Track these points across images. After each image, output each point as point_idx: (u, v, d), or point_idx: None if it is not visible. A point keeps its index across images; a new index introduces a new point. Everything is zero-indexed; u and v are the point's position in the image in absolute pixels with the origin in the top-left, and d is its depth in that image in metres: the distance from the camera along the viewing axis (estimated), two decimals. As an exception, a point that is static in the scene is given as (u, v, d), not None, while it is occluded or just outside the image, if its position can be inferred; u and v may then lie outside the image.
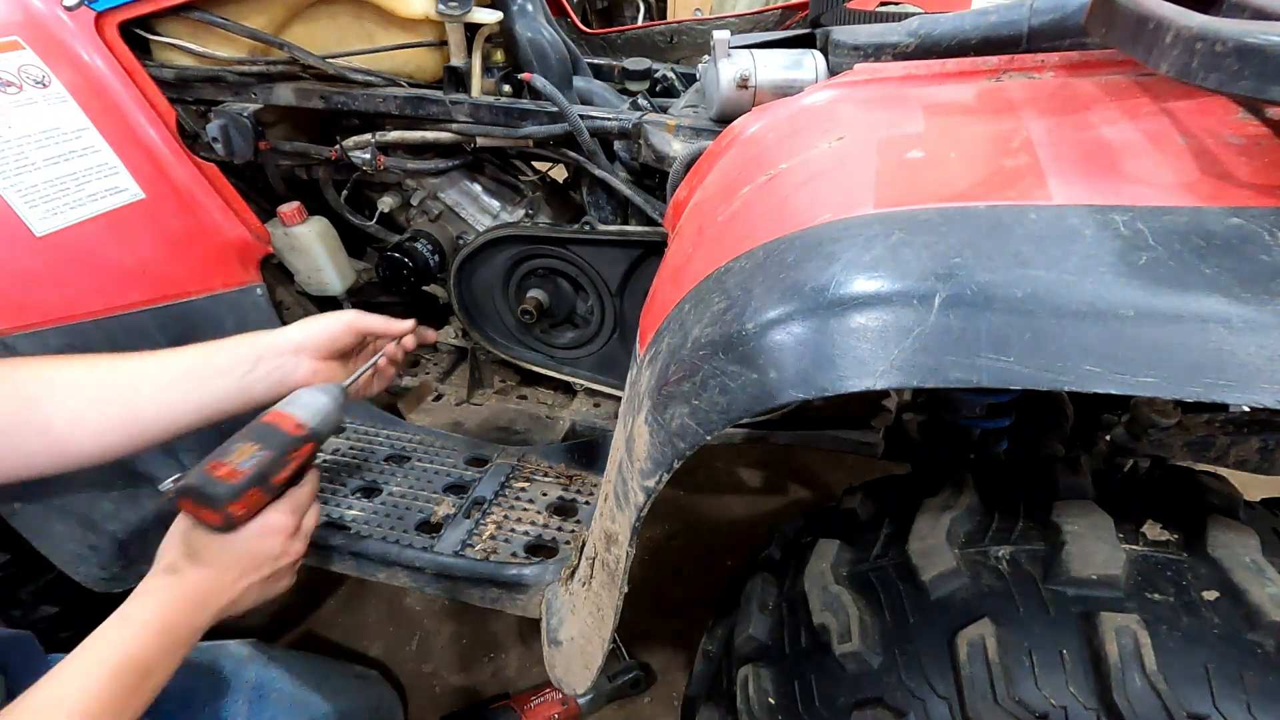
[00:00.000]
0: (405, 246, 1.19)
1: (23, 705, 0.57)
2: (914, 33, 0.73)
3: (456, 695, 1.44)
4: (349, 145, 1.11)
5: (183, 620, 0.66)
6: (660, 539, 1.76)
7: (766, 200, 0.61)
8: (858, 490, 0.86)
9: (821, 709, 0.63)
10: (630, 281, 1.15)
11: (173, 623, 0.66)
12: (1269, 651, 0.51)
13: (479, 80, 1.03)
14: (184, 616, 0.66)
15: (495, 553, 1.00)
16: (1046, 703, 0.53)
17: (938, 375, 0.44)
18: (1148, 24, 0.47)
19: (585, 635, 0.77)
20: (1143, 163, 0.50)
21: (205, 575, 0.69)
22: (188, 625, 0.67)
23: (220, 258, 1.12)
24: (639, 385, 0.62)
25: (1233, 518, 0.62)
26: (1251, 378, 0.40)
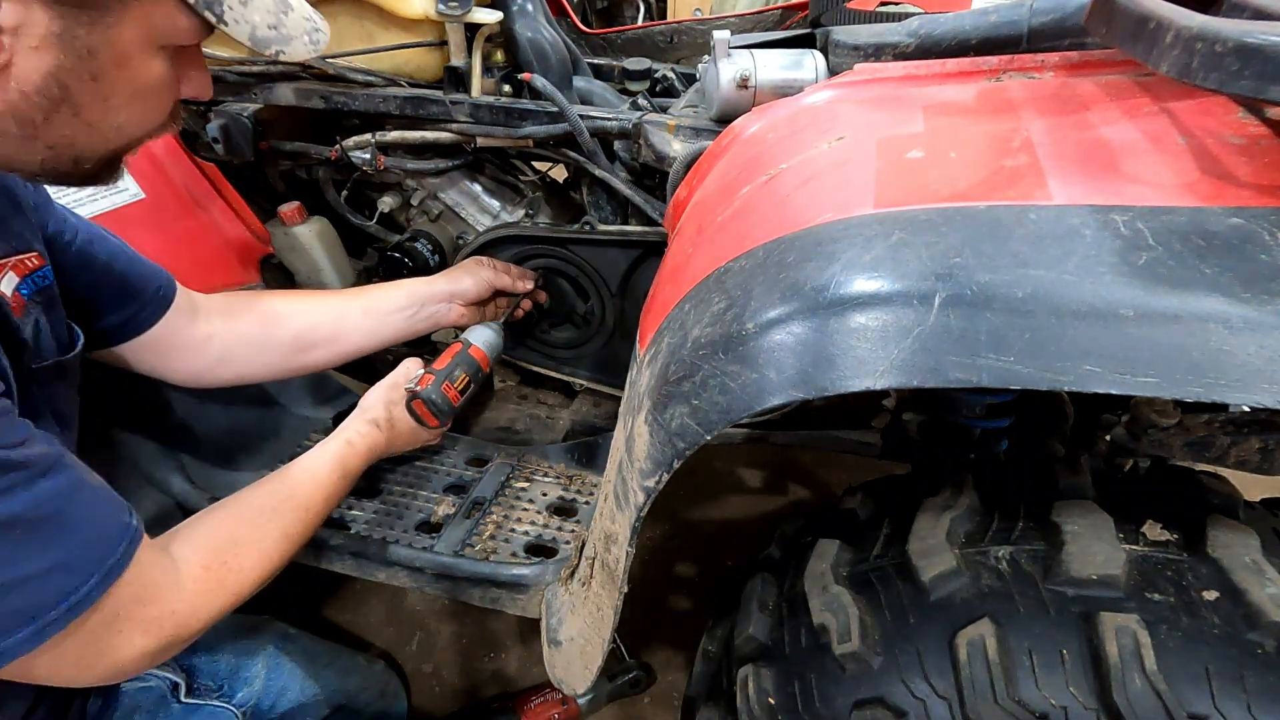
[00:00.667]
0: (405, 246, 1.19)
1: (280, 474, 0.84)
2: (914, 33, 0.73)
3: (456, 695, 1.44)
4: (349, 145, 1.11)
5: (370, 458, 0.96)
6: (660, 539, 1.76)
7: (766, 200, 0.61)
8: (858, 490, 0.86)
9: (821, 709, 0.63)
10: (630, 281, 1.15)
11: (366, 455, 0.94)
12: (1269, 651, 0.51)
13: (479, 80, 1.03)
14: (369, 455, 0.95)
15: (495, 553, 1.00)
16: (1046, 703, 0.53)
17: (938, 375, 0.44)
18: (1148, 24, 0.47)
19: (585, 635, 0.77)
20: (1143, 163, 0.50)
21: (392, 437, 1.00)
22: (370, 461, 0.96)
23: (220, 257, 1.12)
24: (639, 385, 0.62)
25: (1233, 518, 0.62)
26: (1251, 378, 0.40)
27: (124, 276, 0.83)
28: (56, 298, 0.75)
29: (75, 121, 0.55)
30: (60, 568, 0.56)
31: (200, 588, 0.67)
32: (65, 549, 0.57)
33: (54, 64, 0.51)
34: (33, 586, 0.55)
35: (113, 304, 0.83)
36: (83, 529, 0.59)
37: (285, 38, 0.61)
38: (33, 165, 0.57)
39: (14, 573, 0.54)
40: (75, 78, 0.52)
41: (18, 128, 0.53)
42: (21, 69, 0.50)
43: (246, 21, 0.58)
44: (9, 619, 0.54)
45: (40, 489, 0.56)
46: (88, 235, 0.81)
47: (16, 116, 0.52)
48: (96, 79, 0.53)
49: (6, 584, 0.54)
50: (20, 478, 0.54)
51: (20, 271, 0.70)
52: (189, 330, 0.91)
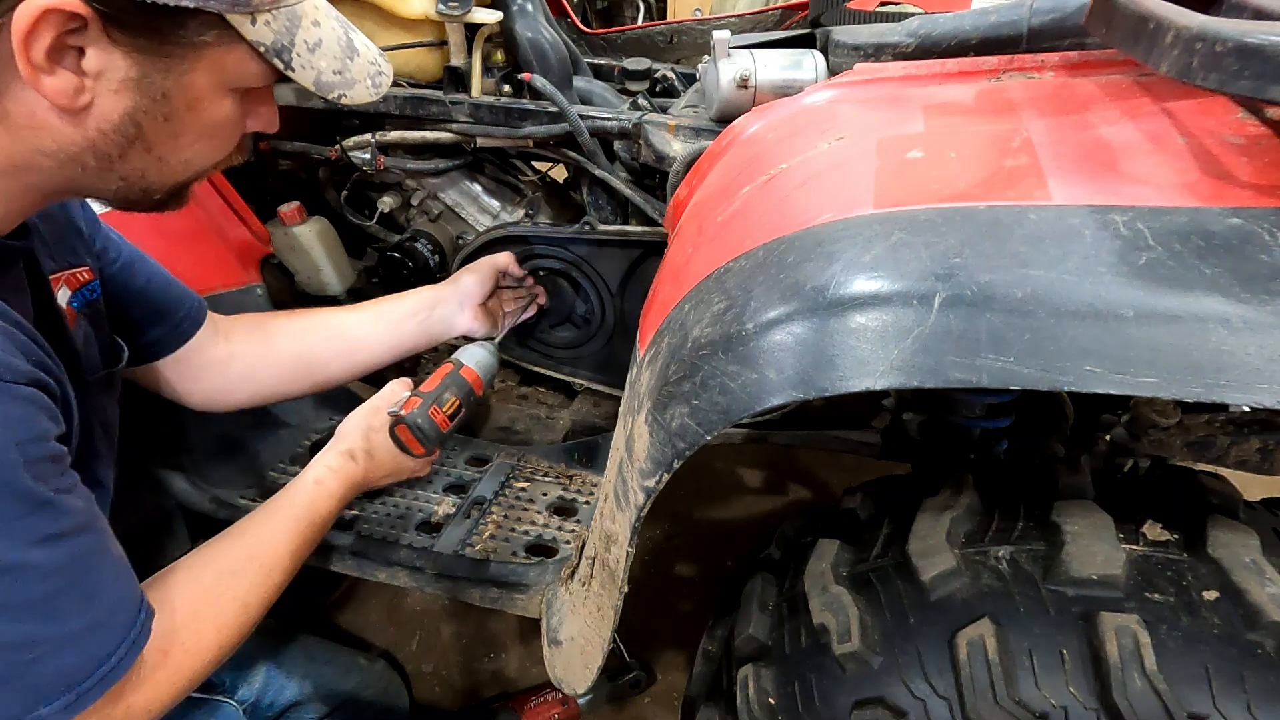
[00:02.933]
0: (405, 246, 1.19)
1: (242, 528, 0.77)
2: (914, 33, 0.73)
3: (456, 695, 1.44)
4: (349, 145, 1.11)
5: (346, 495, 0.88)
6: (660, 539, 1.76)
7: (766, 200, 0.61)
8: (858, 490, 0.86)
9: (821, 709, 0.63)
10: (630, 281, 1.15)
11: (344, 494, 0.88)
12: (1269, 651, 0.51)
13: (479, 80, 1.03)
14: (348, 492, 0.88)
15: (495, 553, 1.00)
16: (1046, 703, 0.53)
17: (938, 375, 0.44)
18: (1148, 24, 0.47)
19: (585, 635, 0.77)
20: (1143, 163, 0.50)
21: (370, 468, 0.92)
22: (346, 499, 0.88)
23: (220, 258, 1.12)
24: (639, 385, 0.62)
25: (1233, 518, 0.62)
26: (1251, 378, 0.40)
27: (159, 297, 0.86)
28: (102, 312, 0.78)
29: (147, 157, 0.58)
30: (99, 628, 0.54)
31: (157, 677, 0.62)
32: (103, 609, 0.55)
33: (130, 105, 0.54)
34: (73, 648, 0.52)
35: (147, 322, 0.86)
36: (115, 588, 0.57)
37: (349, 82, 0.64)
38: (107, 194, 0.61)
39: (57, 629, 0.52)
40: (149, 118, 0.55)
41: (95, 161, 0.56)
42: (101, 109, 0.53)
43: (313, 68, 0.60)
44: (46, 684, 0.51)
45: (80, 543, 0.55)
46: (130, 255, 0.84)
47: (95, 152, 0.55)
48: (169, 119, 0.56)
49: (50, 641, 0.51)
50: (67, 525, 0.53)
51: (72, 285, 0.73)
52: (212, 350, 0.92)
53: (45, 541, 0.51)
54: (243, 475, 1.14)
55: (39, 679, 0.51)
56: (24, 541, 0.50)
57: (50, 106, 0.52)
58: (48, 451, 0.53)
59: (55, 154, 0.55)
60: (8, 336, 0.53)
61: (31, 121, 0.52)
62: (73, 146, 0.54)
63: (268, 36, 0.57)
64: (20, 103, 0.52)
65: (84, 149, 0.55)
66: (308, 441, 1.22)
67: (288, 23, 0.58)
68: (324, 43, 0.61)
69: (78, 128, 0.53)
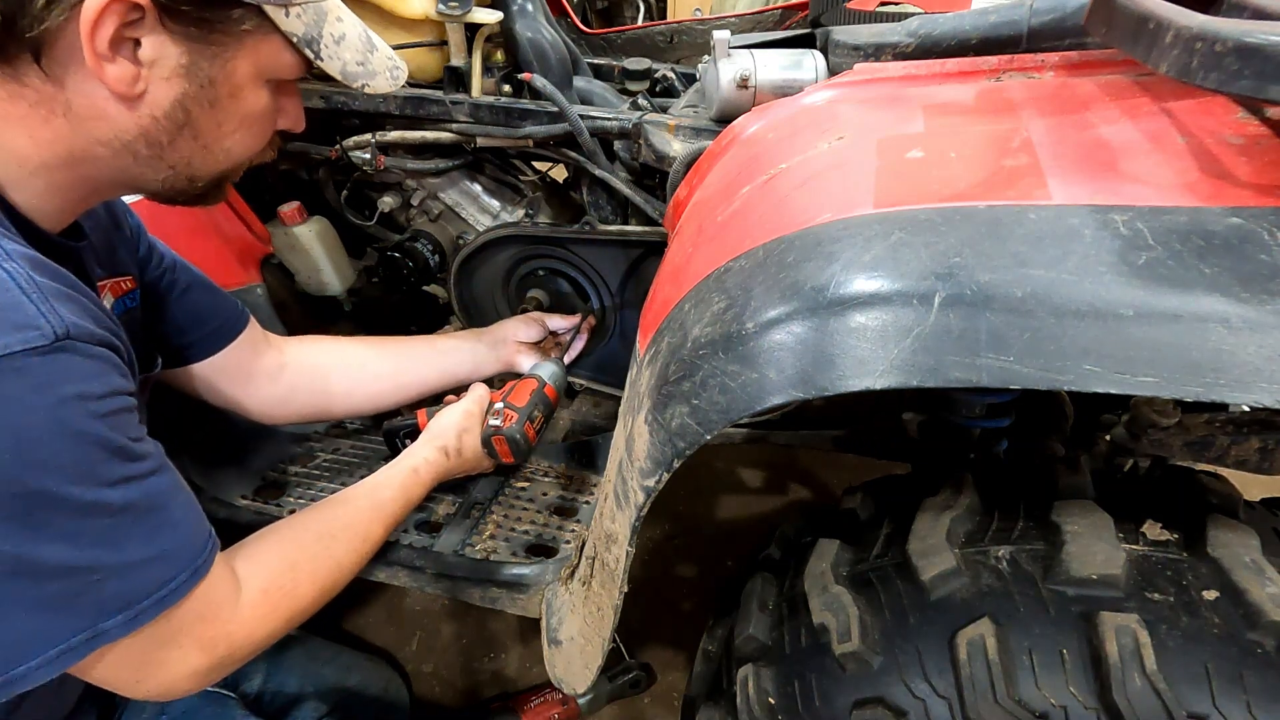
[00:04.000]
0: (405, 246, 1.19)
1: (344, 498, 0.83)
2: (914, 33, 0.73)
3: (456, 695, 1.44)
4: (349, 145, 1.11)
5: (431, 485, 0.93)
6: (660, 539, 1.76)
7: (766, 200, 0.61)
8: (858, 490, 0.86)
9: (821, 709, 0.63)
10: (630, 281, 1.15)
11: (430, 483, 0.93)
12: (1269, 651, 0.51)
13: (479, 80, 1.03)
14: (433, 482, 0.94)
15: (495, 553, 1.00)
16: (1046, 702, 0.53)
17: (938, 375, 0.44)
18: (1148, 24, 0.47)
19: (585, 635, 0.77)
20: (1143, 163, 0.50)
21: (457, 465, 0.97)
22: (430, 487, 0.93)
23: (220, 258, 1.12)
24: (639, 385, 0.62)
25: (1233, 518, 0.62)
26: (1251, 378, 0.40)
27: (199, 302, 0.89)
28: (139, 320, 0.81)
29: (194, 144, 0.62)
30: (160, 559, 0.59)
31: (257, 612, 0.67)
32: (166, 542, 0.59)
33: (180, 92, 0.59)
34: (134, 574, 0.57)
35: (185, 326, 0.89)
36: (181, 527, 0.61)
37: (371, 73, 0.70)
38: (155, 184, 0.65)
39: (121, 557, 0.56)
40: (197, 104, 0.60)
41: (147, 149, 0.60)
42: (154, 97, 0.58)
43: (339, 59, 0.67)
44: (108, 603, 0.56)
45: (153, 483, 0.59)
46: (173, 261, 0.88)
47: (147, 139, 0.60)
48: (214, 106, 0.61)
49: (113, 567, 0.56)
50: (140, 469, 0.58)
51: (116, 293, 0.77)
52: (261, 359, 0.96)
53: (118, 483, 0.56)
54: (242, 476, 1.14)
55: (104, 597, 0.55)
56: (98, 483, 0.54)
57: (109, 95, 0.56)
58: (122, 404, 0.57)
59: (111, 142, 0.59)
60: (81, 306, 0.56)
61: (92, 112, 0.56)
62: (127, 134, 0.59)
63: (299, 28, 0.62)
64: (82, 94, 0.56)
65: (137, 136, 0.59)
66: (308, 442, 1.22)
67: (315, 16, 0.64)
68: (347, 36, 0.67)
69: (133, 115, 0.58)
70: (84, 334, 0.54)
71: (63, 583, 0.54)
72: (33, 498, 0.51)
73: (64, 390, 0.52)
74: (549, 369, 1.05)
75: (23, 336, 0.50)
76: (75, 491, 0.53)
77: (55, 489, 0.52)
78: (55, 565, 0.53)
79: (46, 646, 0.54)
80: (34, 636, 0.54)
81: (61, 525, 0.53)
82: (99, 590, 0.55)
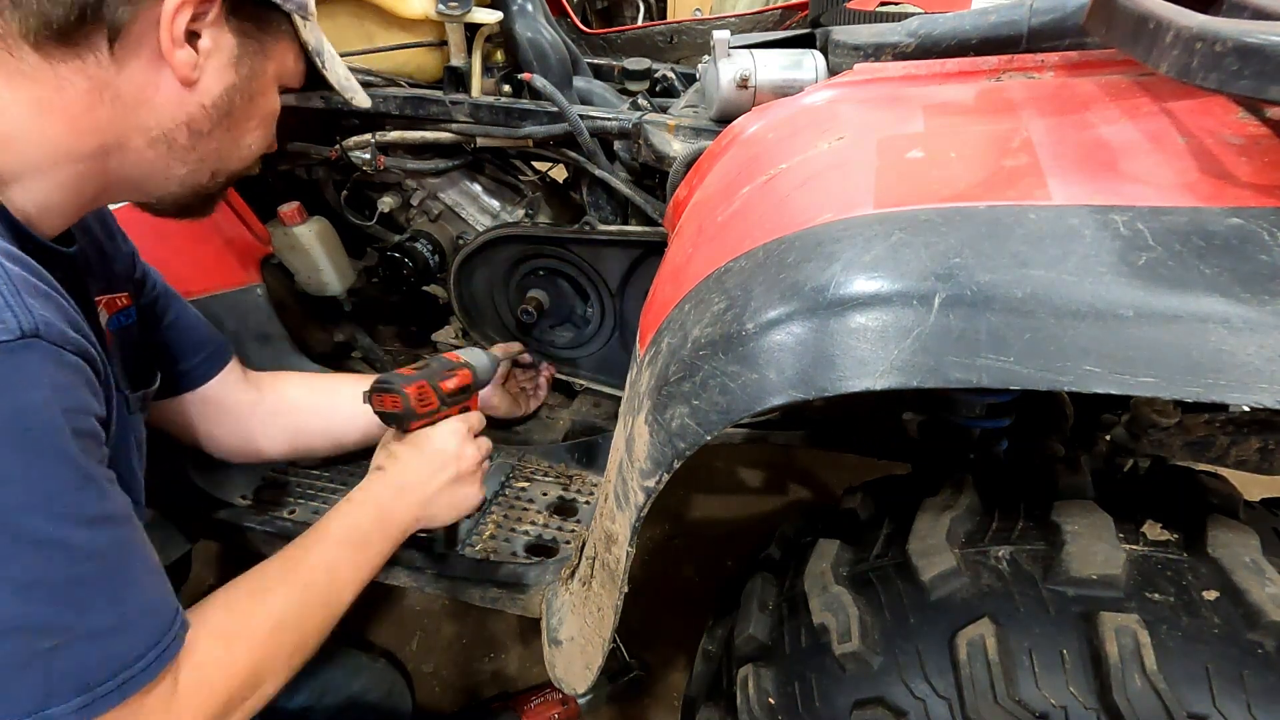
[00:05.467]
0: (405, 246, 1.19)
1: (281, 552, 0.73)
2: (914, 33, 0.73)
3: (456, 695, 1.44)
4: (349, 145, 1.11)
5: (389, 503, 0.81)
6: (660, 539, 1.76)
7: (766, 200, 0.61)
8: (858, 490, 0.85)
9: (821, 709, 0.63)
10: (630, 281, 1.15)
11: (381, 504, 0.81)
12: (1269, 651, 0.51)
13: (479, 80, 1.03)
14: (390, 500, 0.82)
15: (495, 553, 1.00)
16: (1046, 703, 0.53)
17: (938, 375, 0.44)
18: (1148, 24, 0.47)
19: (585, 635, 0.77)
20: (1143, 163, 0.50)
21: (401, 468, 0.84)
22: (393, 508, 0.82)
23: (220, 258, 1.12)
24: (639, 385, 0.62)
25: (1233, 518, 0.62)
26: (1251, 378, 0.40)
27: (187, 331, 0.88)
28: (136, 338, 0.80)
29: (227, 136, 0.65)
30: (121, 630, 0.50)
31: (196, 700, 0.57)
32: (132, 609, 0.51)
33: (230, 82, 0.63)
34: (95, 645, 0.49)
35: (175, 355, 0.88)
36: (149, 593, 0.54)
37: (354, 89, 0.78)
38: (173, 181, 0.65)
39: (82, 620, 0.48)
40: (240, 95, 0.64)
41: (187, 138, 0.62)
42: (206, 84, 0.61)
43: (335, 72, 0.74)
44: (60, 680, 0.47)
45: (119, 534, 0.52)
46: (164, 289, 0.87)
47: (191, 125, 0.62)
48: (249, 101, 0.65)
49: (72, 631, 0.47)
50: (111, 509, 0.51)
51: (111, 309, 0.76)
52: (238, 394, 0.93)
53: (86, 522, 0.49)
54: (243, 476, 1.14)
55: (55, 672, 0.47)
56: (65, 517, 0.47)
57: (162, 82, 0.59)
58: (90, 427, 0.51)
59: (150, 130, 0.60)
60: (58, 307, 0.51)
61: (139, 99, 0.58)
62: (171, 121, 0.61)
63: (311, 40, 0.68)
64: (133, 82, 0.58)
65: (181, 124, 0.61)
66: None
67: (317, 33, 0.70)
68: (334, 55, 0.74)
69: (182, 102, 0.60)
70: (56, 335, 0.48)
71: (9, 645, 0.45)
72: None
73: (29, 395, 0.45)
74: (477, 354, 0.98)
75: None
76: (33, 522, 0.45)
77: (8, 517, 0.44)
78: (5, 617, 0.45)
79: None
80: None
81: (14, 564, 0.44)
82: (49, 661, 0.46)
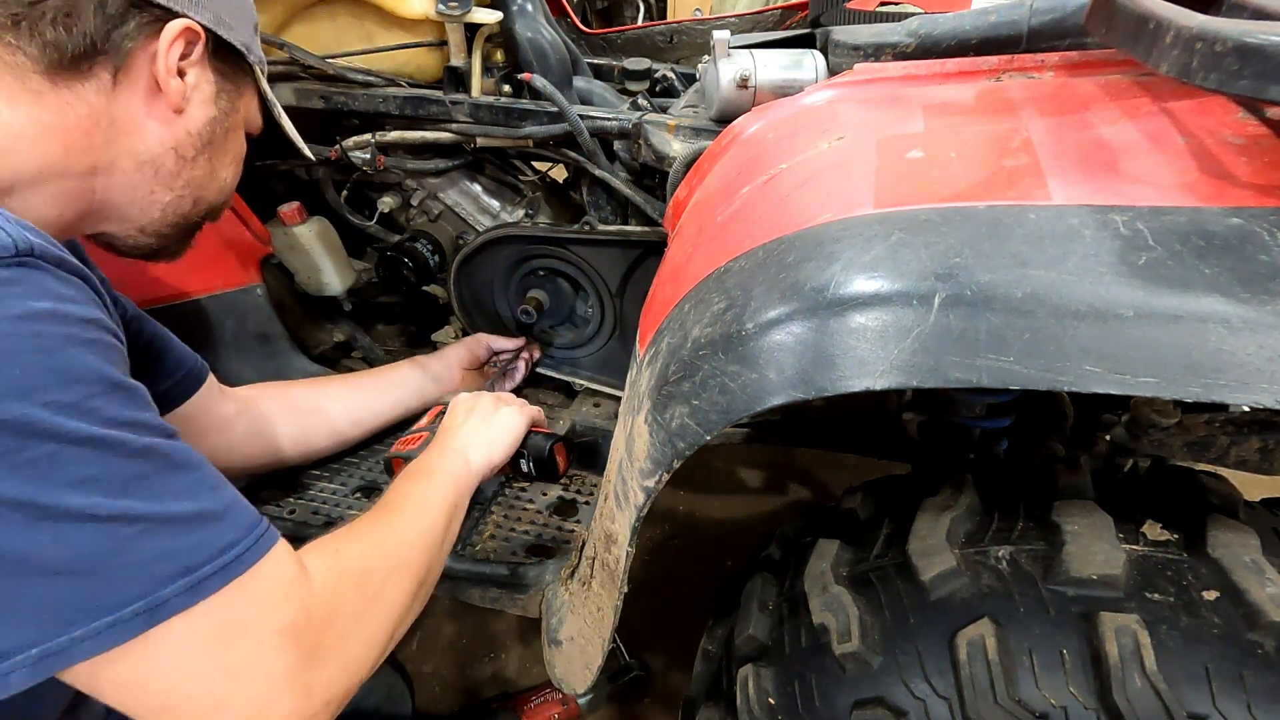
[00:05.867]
0: (405, 246, 1.19)
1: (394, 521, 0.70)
2: (914, 33, 0.73)
3: (456, 695, 1.44)
4: (349, 145, 1.11)
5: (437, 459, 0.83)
6: (660, 539, 1.76)
7: (766, 200, 0.61)
8: (858, 490, 0.85)
9: (821, 709, 0.63)
10: (630, 281, 1.15)
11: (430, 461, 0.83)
12: (1269, 651, 0.51)
13: (479, 80, 1.03)
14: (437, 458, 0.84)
15: (495, 553, 1.00)
16: (1046, 703, 0.53)
17: (937, 375, 0.44)
18: (1148, 24, 0.47)
19: (585, 635, 0.77)
20: (1142, 163, 0.50)
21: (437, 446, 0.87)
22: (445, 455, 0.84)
23: (220, 258, 1.12)
24: (639, 385, 0.62)
25: (1233, 518, 0.62)
26: (1251, 378, 0.40)
27: (163, 353, 0.88)
28: None
29: (208, 166, 0.71)
30: (209, 518, 0.49)
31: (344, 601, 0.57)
32: (211, 502, 0.50)
33: (212, 114, 0.69)
34: (180, 531, 0.47)
35: (154, 376, 0.87)
36: (223, 492, 0.52)
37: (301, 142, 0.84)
38: (156, 207, 0.69)
39: (159, 507, 0.47)
40: (220, 127, 0.70)
41: (174, 163, 0.67)
42: (191, 114, 0.67)
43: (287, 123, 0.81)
44: (157, 564, 0.46)
45: (178, 445, 0.51)
46: (136, 312, 0.86)
47: (178, 151, 0.67)
48: (226, 135, 0.72)
49: (152, 517, 0.46)
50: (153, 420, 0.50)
51: None
52: (217, 410, 0.94)
53: (128, 426, 0.47)
54: (242, 476, 1.14)
55: (150, 554, 0.46)
56: (100, 420, 0.46)
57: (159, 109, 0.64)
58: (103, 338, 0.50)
59: (140, 155, 0.64)
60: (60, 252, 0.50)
61: (133, 125, 0.63)
62: (159, 147, 0.65)
63: (268, 91, 0.76)
64: (128, 111, 0.63)
65: (170, 148, 0.66)
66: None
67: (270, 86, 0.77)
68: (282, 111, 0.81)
69: (172, 128, 0.66)
70: (53, 258, 0.48)
71: (92, 535, 0.44)
72: (16, 428, 0.42)
73: (33, 304, 0.45)
74: None
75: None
76: (70, 424, 0.44)
77: (41, 418, 0.43)
78: (78, 510, 0.43)
79: (90, 616, 0.43)
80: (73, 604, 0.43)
81: (67, 463, 0.43)
82: (139, 546, 0.45)
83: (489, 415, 0.92)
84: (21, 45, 0.56)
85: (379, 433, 1.13)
